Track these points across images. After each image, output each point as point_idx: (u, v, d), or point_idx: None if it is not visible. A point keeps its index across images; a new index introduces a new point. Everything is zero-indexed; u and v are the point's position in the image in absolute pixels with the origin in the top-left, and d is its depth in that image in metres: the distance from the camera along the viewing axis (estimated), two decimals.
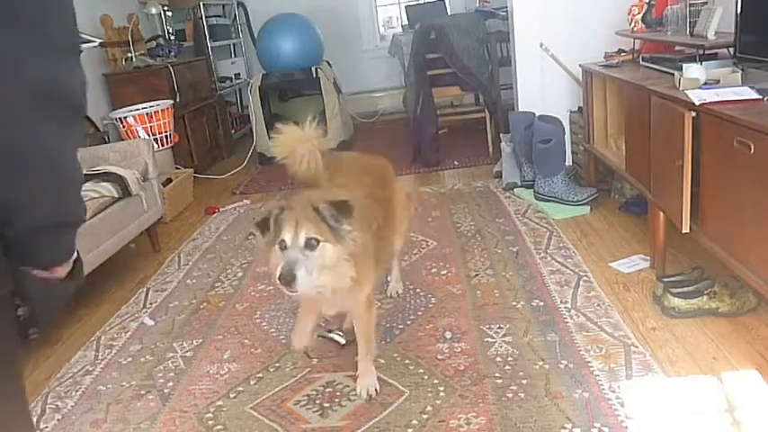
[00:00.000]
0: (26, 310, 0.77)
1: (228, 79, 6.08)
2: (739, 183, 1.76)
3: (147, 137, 3.97)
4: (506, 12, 3.88)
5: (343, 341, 2.11)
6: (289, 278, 1.46)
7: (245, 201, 4.10)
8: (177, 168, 4.42)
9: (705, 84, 2.11)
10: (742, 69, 2.16)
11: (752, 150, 1.65)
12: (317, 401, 1.85)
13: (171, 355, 2.22)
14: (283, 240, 1.52)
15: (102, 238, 2.70)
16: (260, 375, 2.02)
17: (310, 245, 1.51)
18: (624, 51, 3.10)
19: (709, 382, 1.71)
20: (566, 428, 1.59)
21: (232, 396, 1.93)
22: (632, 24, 3.08)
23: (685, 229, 2.03)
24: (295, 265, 1.47)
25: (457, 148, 4.74)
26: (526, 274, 2.50)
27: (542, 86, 3.66)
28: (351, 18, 6.81)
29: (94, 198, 2.71)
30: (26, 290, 0.76)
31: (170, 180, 4.01)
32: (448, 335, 2.11)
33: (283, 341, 2.20)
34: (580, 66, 3.30)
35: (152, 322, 2.49)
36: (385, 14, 7.17)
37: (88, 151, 3.26)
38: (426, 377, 1.89)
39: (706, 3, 2.54)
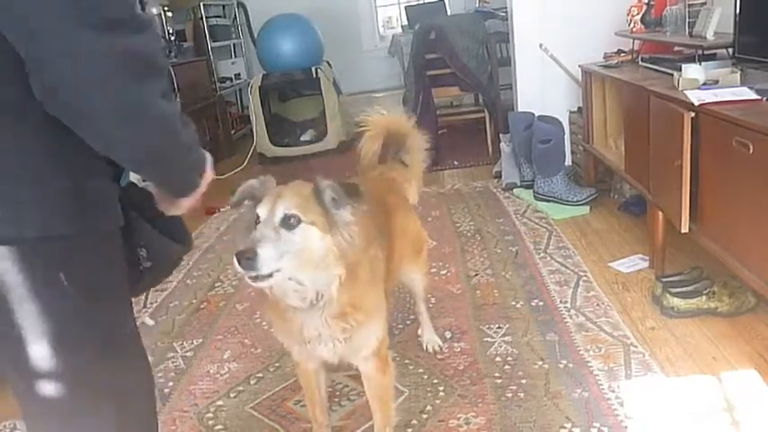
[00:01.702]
0: (149, 263, 0.94)
1: (229, 79, 6.08)
2: (738, 183, 1.77)
3: None
4: (506, 12, 3.88)
5: None
6: (248, 255, 1.09)
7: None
8: None
9: (704, 84, 2.11)
10: (741, 70, 2.16)
11: (751, 150, 1.66)
12: None
13: (171, 354, 2.22)
14: (257, 215, 1.20)
15: None
16: (260, 375, 2.02)
17: (288, 223, 1.17)
18: (623, 52, 3.11)
19: (708, 381, 1.72)
20: (565, 428, 1.60)
21: (232, 396, 1.93)
22: (631, 25, 3.09)
23: (684, 229, 2.04)
24: (259, 242, 1.12)
25: (456, 148, 4.75)
26: (525, 273, 2.51)
27: (542, 87, 3.66)
28: (351, 18, 6.82)
29: None
30: (152, 247, 0.94)
31: None
32: (447, 334, 2.11)
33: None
34: (579, 66, 3.30)
35: (152, 322, 2.49)
36: (385, 15, 7.19)
37: None
38: (426, 377, 1.90)
39: (705, 3, 2.54)
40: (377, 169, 1.89)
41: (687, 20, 2.56)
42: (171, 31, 5.29)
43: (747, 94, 1.88)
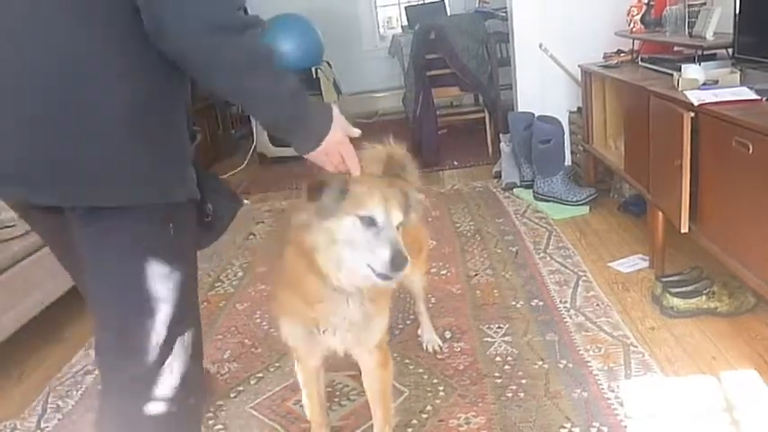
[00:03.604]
0: (213, 215, 1.29)
1: None
2: (738, 183, 1.77)
3: None
4: (506, 12, 3.88)
5: None
6: (400, 260, 1.18)
7: (245, 201, 4.10)
8: None
9: (704, 84, 2.11)
10: (740, 70, 2.17)
11: (750, 150, 1.66)
12: None
13: None
14: (371, 218, 1.22)
15: None
16: (260, 375, 2.03)
17: (398, 225, 1.26)
18: (623, 52, 3.11)
19: (708, 381, 1.72)
20: (565, 428, 1.60)
21: (232, 396, 1.93)
22: (631, 25, 3.09)
23: (684, 229, 2.04)
24: (402, 248, 1.20)
25: (456, 148, 4.75)
26: (525, 273, 2.51)
27: (542, 87, 3.66)
28: (351, 18, 6.81)
29: None
30: (216, 204, 1.29)
31: None
32: (447, 334, 2.11)
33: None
34: (579, 66, 3.30)
35: None
36: (385, 15, 7.17)
37: None
38: (426, 377, 1.90)
39: (705, 3, 2.55)
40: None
41: (687, 20, 2.56)
42: None
43: (747, 94, 1.88)
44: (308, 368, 1.56)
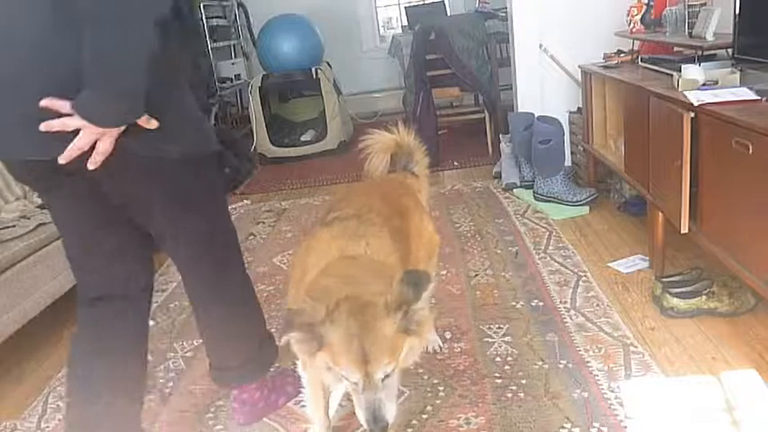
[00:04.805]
0: (237, 164, 1.65)
1: (229, 80, 6.08)
2: (738, 183, 1.77)
3: None
4: (506, 13, 3.89)
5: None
6: (381, 426, 1.14)
7: (244, 201, 4.10)
8: None
9: (704, 85, 2.11)
10: (740, 70, 2.16)
11: (750, 151, 1.66)
12: None
13: (171, 355, 2.23)
14: (346, 379, 1.17)
15: None
16: None
17: (386, 376, 1.17)
18: (623, 52, 3.11)
19: (708, 381, 1.72)
20: (565, 428, 1.60)
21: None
22: (631, 25, 3.09)
23: (684, 230, 2.04)
24: (381, 410, 1.14)
25: (457, 148, 4.75)
26: (525, 274, 2.51)
27: (542, 87, 3.66)
28: (351, 19, 6.81)
29: None
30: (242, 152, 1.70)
31: None
32: (447, 335, 2.11)
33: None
34: (579, 67, 3.31)
35: (152, 322, 2.48)
36: (385, 15, 7.18)
37: None
38: (426, 377, 1.90)
39: (705, 4, 2.54)
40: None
41: (687, 20, 2.56)
42: None
43: (747, 94, 1.88)
44: (316, 371, 1.55)
